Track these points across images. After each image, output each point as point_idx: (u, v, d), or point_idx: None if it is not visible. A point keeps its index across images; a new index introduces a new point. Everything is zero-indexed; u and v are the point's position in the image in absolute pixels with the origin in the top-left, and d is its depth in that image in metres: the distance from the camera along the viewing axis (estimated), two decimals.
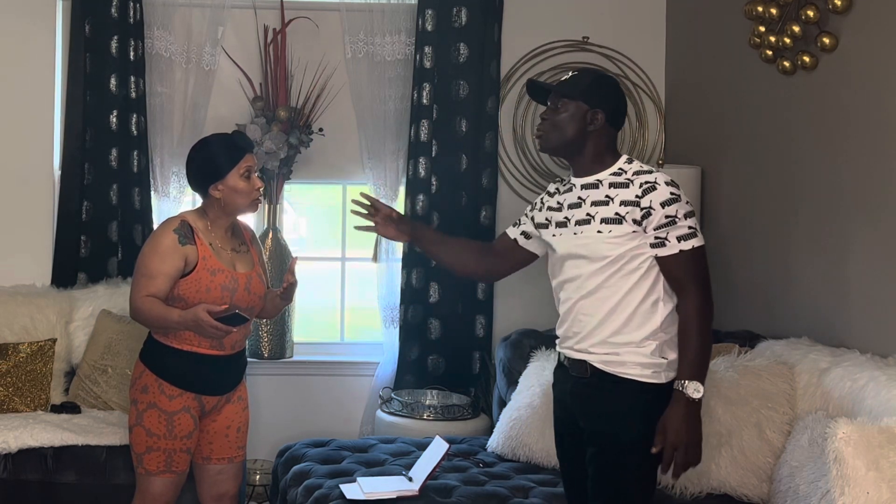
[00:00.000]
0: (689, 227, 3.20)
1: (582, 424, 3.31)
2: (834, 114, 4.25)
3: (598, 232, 3.22)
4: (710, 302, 3.22)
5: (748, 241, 4.81)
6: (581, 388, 3.30)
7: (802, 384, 3.96)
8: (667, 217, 3.17)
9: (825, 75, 4.29)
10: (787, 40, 4.39)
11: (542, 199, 3.50)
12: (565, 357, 3.37)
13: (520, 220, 3.58)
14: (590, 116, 3.27)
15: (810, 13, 4.22)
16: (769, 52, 4.52)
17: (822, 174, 4.31)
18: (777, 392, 3.95)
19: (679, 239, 3.18)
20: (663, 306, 3.23)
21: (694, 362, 3.17)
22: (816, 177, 4.35)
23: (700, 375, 3.17)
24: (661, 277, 3.24)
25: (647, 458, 3.23)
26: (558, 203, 3.38)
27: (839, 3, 4.08)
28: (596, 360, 3.25)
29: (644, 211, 3.17)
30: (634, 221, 3.19)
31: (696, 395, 3.15)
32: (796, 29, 4.33)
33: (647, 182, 3.20)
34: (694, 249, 3.20)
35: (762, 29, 4.52)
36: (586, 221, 3.26)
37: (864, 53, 4.08)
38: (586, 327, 3.26)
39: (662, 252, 3.20)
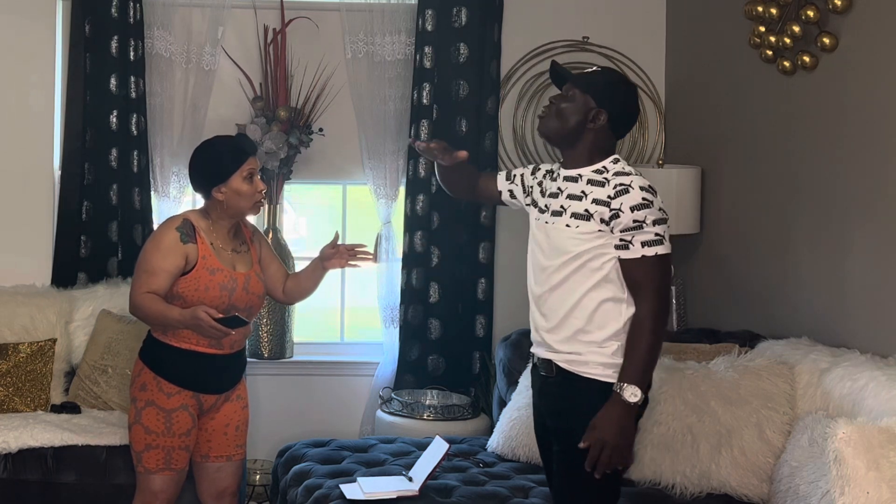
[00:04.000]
0: (657, 235, 3.19)
1: (548, 423, 3.34)
2: (834, 114, 4.25)
3: (567, 226, 3.24)
4: (664, 311, 3.22)
5: (748, 241, 4.81)
6: (548, 387, 3.33)
7: (802, 384, 3.96)
8: (634, 221, 3.17)
9: (825, 75, 4.29)
10: (787, 40, 4.39)
11: (544, 171, 3.47)
12: (537, 358, 3.39)
13: (513, 177, 3.55)
14: (593, 114, 3.26)
15: (810, 13, 4.22)
16: (769, 52, 4.52)
17: (823, 174, 4.31)
18: (777, 392, 3.95)
19: (643, 244, 3.18)
20: (626, 308, 3.23)
21: (636, 367, 3.16)
22: (816, 177, 4.35)
23: (640, 381, 3.15)
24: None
25: (611, 471, 3.21)
26: (546, 188, 3.40)
27: (839, 3, 4.09)
28: (560, 360, 3.28)
29: (613, 212, 3.18)
30: (602, 221, 3.19)
31: (632, 400, 3.14)
32: (796, 29, 4.33)
33: (621, 184, 3.20)
34: (657, 257, 3.19)
35: (762, 29, 4.52)
36: (559, 213, 3.28)
37: (864, 53, 4.08)
38: (551, 322, 3.29)
39: (625, 255, 3.20)
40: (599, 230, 3.20)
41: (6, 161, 5.20)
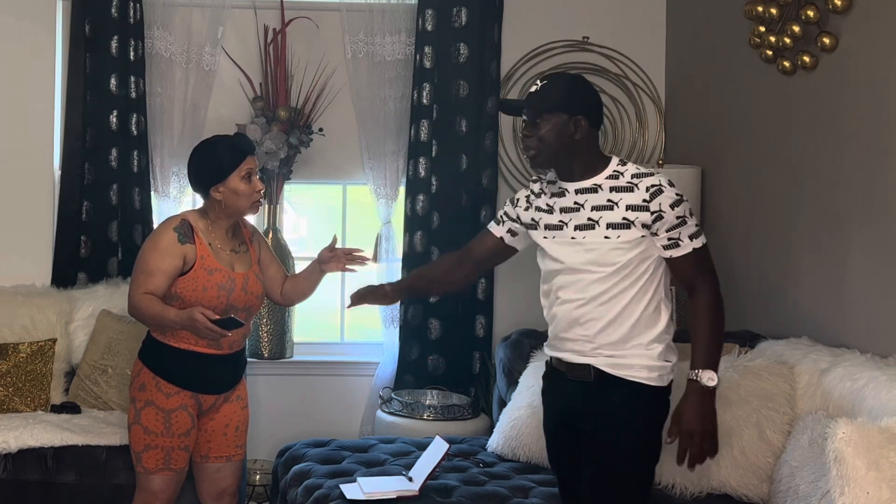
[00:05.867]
0: (696, 225, 3.24)
1: (581, 427, 3.30)
2: (834, 114, 4.25)
3: (606, 238, 3.21)
4: (721, 296, 3.25)
5: (748, 241, 4.81)
6: (584, 391, 3.28)
7: (802, 384, 3.96)
8: (678, 218, 3.19)
9: (825, 75, 4.29)
10: (787, 40, 4.39)
11: (526, 197, 3.45)
12: (559, 361, 3.35)
13: (502, 218, 3.53)
14: (573, 125, 3.23)
15: (810, 13, 4.22)
16: (769, 52, 4.52)
17: (822, 174, 4.31)
18: (777, 392, 3.95)
19: (691, 237, 3.21)
20: (665, 309, 3.25)
21: (707, 352, 3.19)
22: (816, 177, 4.35)
23: (713, 365, 3.18)
24: (663, 281, 3.25)
25: (644, 463, 3.24)
26: (548, 205, 3.35)
27: (839, 3, 4.09)
28: (602, 364, 3.24)
29: (655, 215, 3.17)
30: (644, 226, 3.18)
31: (711, 384, 3.16)
32: (796, 29, 4.33)
33: (652, 185, 3.19)
34: (703, 246, 3.25)
35: (762, 29, 4.52)
36: (590, 227, 3.23)
37: (864, 53, 4.08)
38: (591, 331, 3.25)
39: (676, 253, 3.21)
40: (642, 235, 3.19)
41: (6, 161, 5.20)
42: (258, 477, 5.16)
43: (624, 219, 3.19)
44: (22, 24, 5.19)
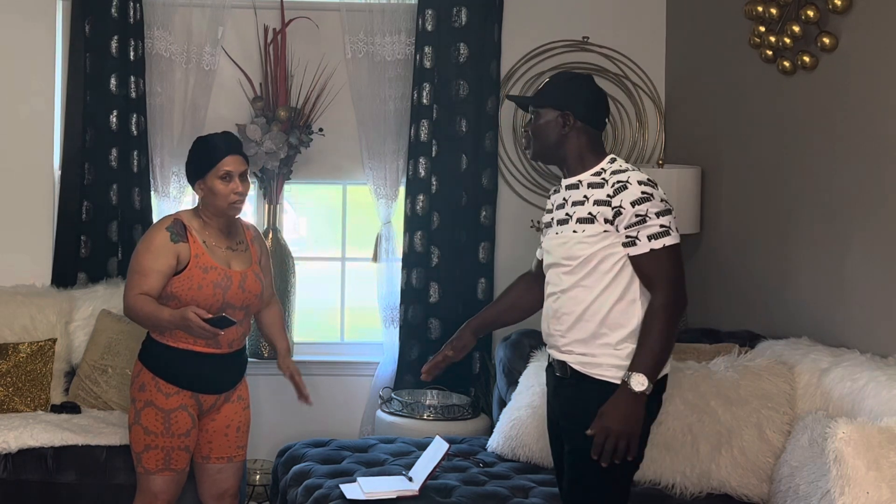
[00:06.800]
0: (661, 226, 3.19)
1: (560, 423, 3.35)
2: (834, 114, 4.25)
3: (574, 232, 3.26)
4: (679, 302, 3.20)
5: (748, 241, 4.81)
6: (562, 387, 3.34)
7: (802, 384, 3.97)
8: (637, 216, 3.18)
9: (825, 75, 4.29)
10: (787, 40, 4.39)
11: (546, 206, 3.53)
12: (552, 358, 3.39)
13: (541, 240, 3.57)
14: (562, 119, 3.30)
15: (810, 13, 4.22)
16: (769, 52, 4.52)
17: (822, 174, 4.31)
18: (777, 392, 3.95)
19: (650, 238, 3.18)
20: (640, 308, 3.23)
21: (645, 356, 3.15)
22: (816, 177, 4.35)
23: (648, 370, 3.14)
24: (638, 280, 3.24)
25: (620, 461, 3.22)
26: (552, 205, 3.43)
27: (839, 3, 4.09)
28: (574, 362, 3.28)
29: (615, 210, 3.19)
30: (606, 221, 3.20)
31: (639, 388, 3.13)
32: (796, 29, 4.33)
33: (619, 182, 3.21)
34: (665, 248, 3.19)
35: (762, 29, 4.53)
36: (565, 221, 3.30)
37: (864, 53, 4.09)
38: (563, 325, 3.30)
39: (633, 251, 3.20)
40: (605, 231, 3.20)
41: (6, 161, 5.20)
42: (258, 477, 5.15)
43: (589, 213, 3.23)
44: (22, 24, 5.19)
